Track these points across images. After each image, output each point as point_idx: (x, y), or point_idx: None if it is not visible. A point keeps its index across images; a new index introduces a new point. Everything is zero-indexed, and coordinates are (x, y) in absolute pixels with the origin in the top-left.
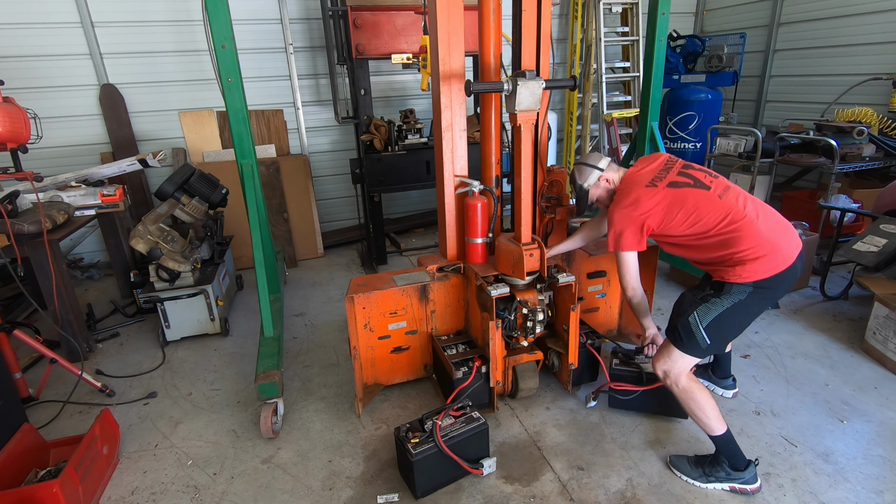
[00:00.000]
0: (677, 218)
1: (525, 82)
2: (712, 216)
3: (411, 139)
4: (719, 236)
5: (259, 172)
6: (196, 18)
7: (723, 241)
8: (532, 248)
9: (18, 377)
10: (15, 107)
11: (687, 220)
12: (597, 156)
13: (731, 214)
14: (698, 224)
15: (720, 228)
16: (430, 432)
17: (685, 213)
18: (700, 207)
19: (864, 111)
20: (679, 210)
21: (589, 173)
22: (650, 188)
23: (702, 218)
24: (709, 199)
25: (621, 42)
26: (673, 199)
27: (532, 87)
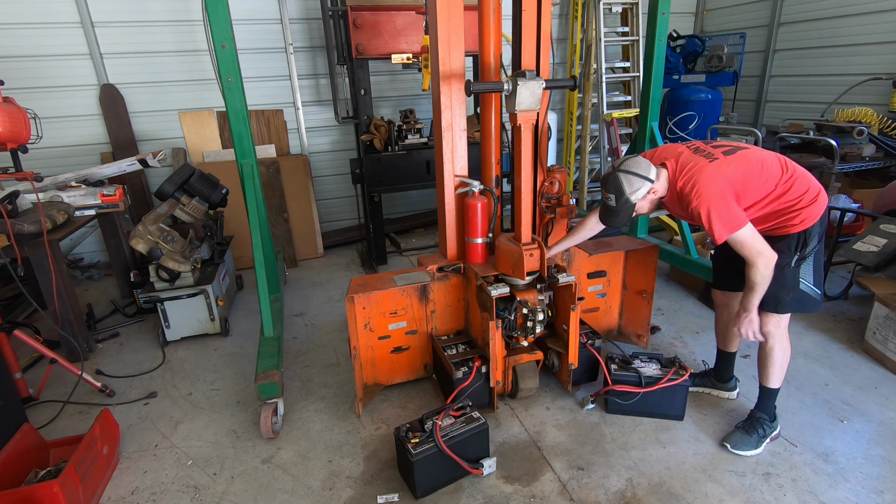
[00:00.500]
0: (752, 179)
1: (525, 82)
2: (773, 168)
3: (411, 139)
4: (785, 185)
5: (259, 172)
6: (196, 18)
7: (786, 189)
8: (532, 248)
9: (18, 377)
10: (15, 107)
11: (760, 178)
12: (644, 163)
13: (778, 162)
14: (769, 180)
15: (783, 178)
16: (430, 432)
17: (757, 172)
18: (761, 162)
19: (864, 111)
20: (751, 170)
21: (640, 186)
22: (714, 162)
23: (768, 172)
24: (755, 154)
25: (621, 42)
26: (737, 163)
27: (532, 87)
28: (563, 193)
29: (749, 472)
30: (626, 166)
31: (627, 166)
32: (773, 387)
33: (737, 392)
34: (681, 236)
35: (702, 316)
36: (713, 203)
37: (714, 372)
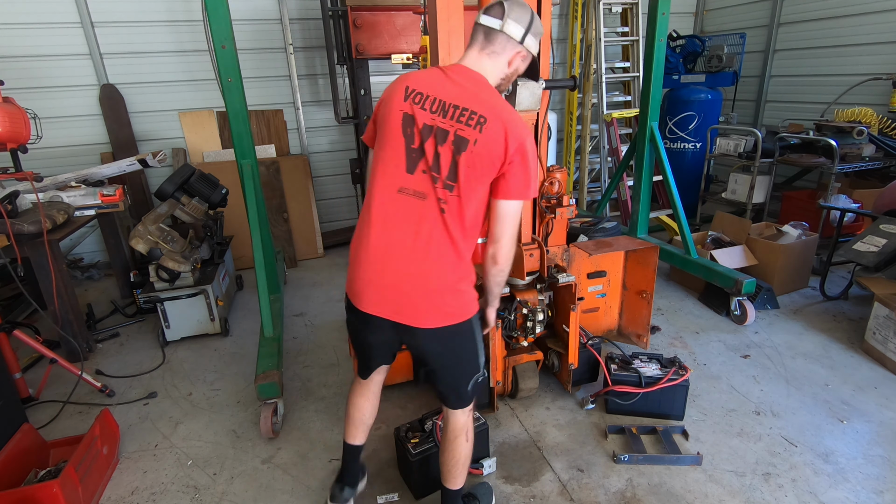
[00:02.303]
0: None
1: (525, 82)
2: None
3: None
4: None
5: (259, 172)
6: (196, 18)
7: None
8: (532, 248)
9: (18, 377)
10: (15, 107)
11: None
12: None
13: None
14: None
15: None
16: (429, 432)
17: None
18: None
19: (864, 111)
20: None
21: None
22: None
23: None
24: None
25: (621, 42)
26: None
27: (532, 87)
28: (563, 193)
29: (749, 472)
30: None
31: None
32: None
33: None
34: (681, 236)
35: (702, 316)
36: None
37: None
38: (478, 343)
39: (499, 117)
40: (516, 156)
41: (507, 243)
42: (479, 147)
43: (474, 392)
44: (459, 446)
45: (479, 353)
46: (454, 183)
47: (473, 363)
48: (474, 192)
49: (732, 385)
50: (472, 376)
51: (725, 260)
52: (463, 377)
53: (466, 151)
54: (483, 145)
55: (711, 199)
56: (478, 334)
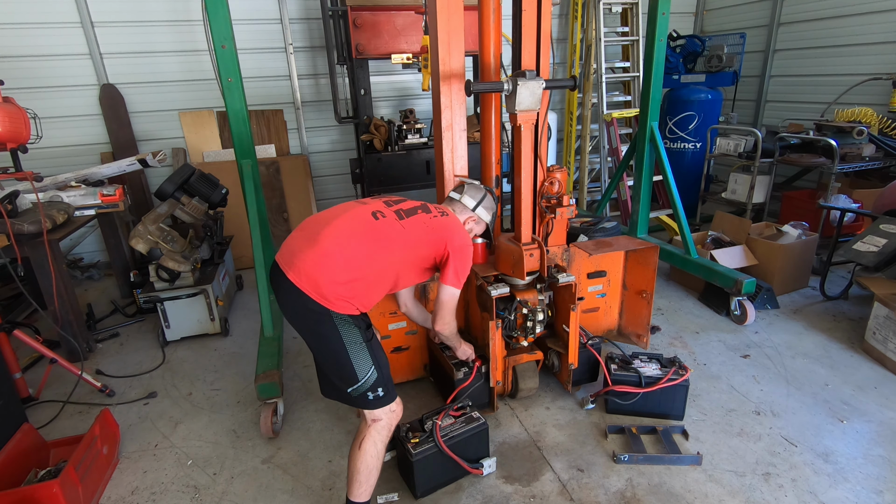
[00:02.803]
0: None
1: (525, 82)
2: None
3: (411, 139)
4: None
5: (259, 172)
6: (196, 18)
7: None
8: (532, 248)
9: (18, 377)
10: (15, 107)
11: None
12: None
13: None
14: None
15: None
16: (430, 432)
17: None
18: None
19: (864, 111)
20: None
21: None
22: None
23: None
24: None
25: (621, 42)
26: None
27: (532, 87)
28: (563, 193)
29: (749, 472)
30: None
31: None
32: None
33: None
34: (681, 236)
35: (702, 316)
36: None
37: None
38: (349, 350)
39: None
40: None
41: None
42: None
43: (364, 403)
44: (353, 453)
45: (355, 364)
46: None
47: (345, 368)
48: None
49: (732, 385)
50: (348, 382)
51: (725, 260)
52: (334, 374)
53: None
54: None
55: (711, 199)
56: (348, 342)
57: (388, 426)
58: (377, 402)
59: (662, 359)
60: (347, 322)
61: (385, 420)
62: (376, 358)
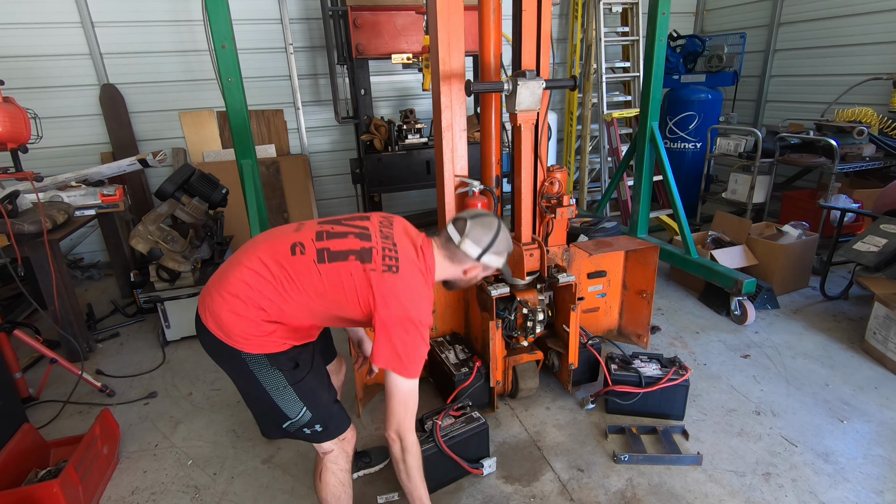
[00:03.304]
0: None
1: (525, 82)
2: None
3: (411, 139)
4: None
5: (259, 172)
6: (196, 18)
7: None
8: (532, 248)
9: (18, 377)
10: (15, 107)
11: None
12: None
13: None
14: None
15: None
16: (430, 432)
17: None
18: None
19: (864, 111)
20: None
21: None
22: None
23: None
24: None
25: (621, 42)
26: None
27: (532, 87)
28: (563, 193)
29: (749, 472)
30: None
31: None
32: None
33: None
34: (681, 236)
35: (702, 316)
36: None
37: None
38: (270, 394)
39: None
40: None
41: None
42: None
43: (305, 438)
44: (316, 485)
45: (277, 403)
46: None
47: (272, 409)
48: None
49: (732, 385)
50: (280, 420)
51: (725, 260)
52: (263, 415)
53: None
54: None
55: (711, 199)
56: (268, 386)
57: (342, 454)
58: (318, 437)
59: (662, 359)
60: (264, 364)
61: (336, 450)
62: (307, 398)
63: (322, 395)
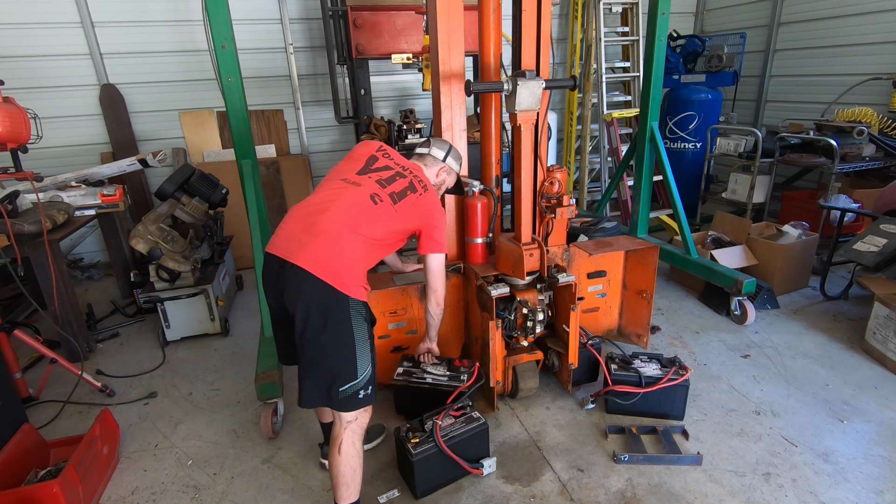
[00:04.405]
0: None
1: (525, 82)
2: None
3: (411, 139)
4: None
5: (259, 172)
6: (196, 18)
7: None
8: (532, 248)
9: (18, 377)
10: (15, 107)
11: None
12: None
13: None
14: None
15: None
16: (430, 432)
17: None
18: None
19: (864, 111)
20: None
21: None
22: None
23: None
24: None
25: (621, 42)
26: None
27: (532, 87)
28: (563, 193)
29: (749, 472)
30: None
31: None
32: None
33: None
34: (681, 236)
35: (702, 316)
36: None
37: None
38: (355, 339)
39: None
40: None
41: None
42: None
43: (349, 404)
44: (333, 458)
45: (357, 355)
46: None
47: (347, 363)
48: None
49: (732, 385)
50: (345, 379)
51: (725, 260)
52: (332, 371)
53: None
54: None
55: (711, 199)
56: (357, 330)
57: (361, 425)
58: (363, 401)
59: (662, 359)
60: (360, 313)
61: (360, 419)
62: (373, 355)
63: (375, 356)
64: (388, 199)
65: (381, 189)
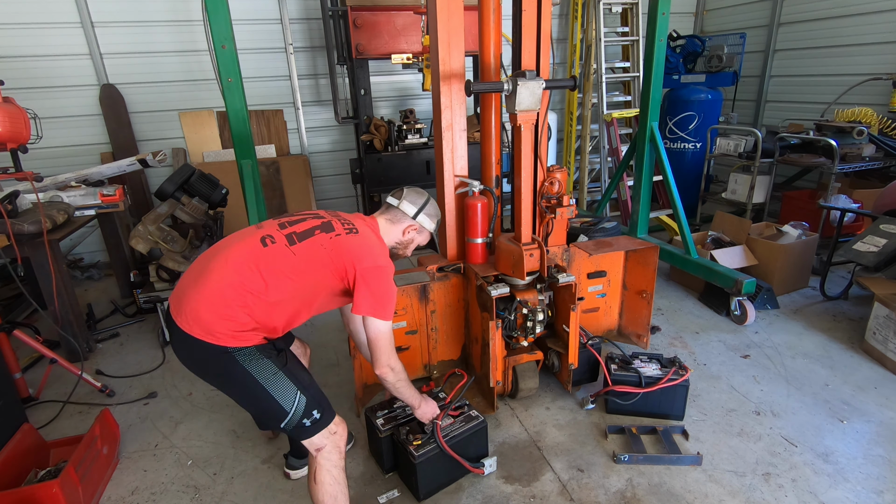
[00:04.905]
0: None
1: (525, 82)
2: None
3: (411, 139)
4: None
5: (259, 172)
6: (196, 18)
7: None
8: (532, 248)
9: (18, 377)
10: (15, 107)
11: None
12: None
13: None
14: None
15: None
16: (430, 433)
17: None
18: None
19: (864, 111)
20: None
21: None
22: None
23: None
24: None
25: (621, 42)
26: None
27: (532, 87)
28: (563, 193)
29: (749, 472)
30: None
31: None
32: None
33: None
34: (681, 236)
35: (702, 316)
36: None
37: (291, 450)
38: (260, 382)
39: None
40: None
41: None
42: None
43: (301, 433)
44: (310, 487)
45: (273, 395)
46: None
47: (264, 402)
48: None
49: (732, 385)
50: (278, 418)
51: (725, 260)
52: (261, 414)
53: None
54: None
55: (711, 199)
56: (258, 373)
57: (335, 449)
58: (313, 428)
59: (662, 359)
60: (253, 355)
61: (329, 445)
62: (298, 380)
63: (307, 376)
64: (281, 239)
65: (278, 230)
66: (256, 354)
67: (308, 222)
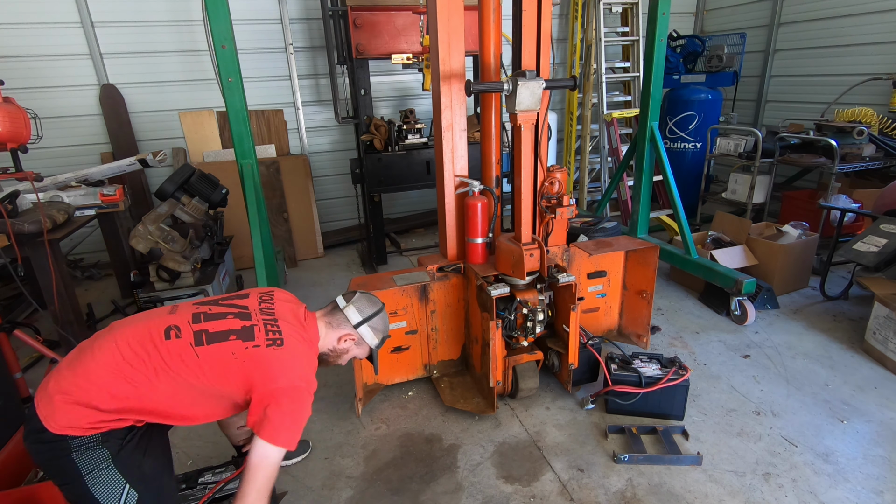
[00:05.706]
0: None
1: (525, 82)
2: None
3: (411, 139)
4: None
5: (259, 172)
6: (196, 18)
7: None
8: (532, 248)
9: (18, 377)
10: (15, 107)
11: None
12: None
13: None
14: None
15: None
16: None
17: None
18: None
19: (864, 111)
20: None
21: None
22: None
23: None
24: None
25: (621, 42)
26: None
27: (532, 87)
28: (563, 193)
29: (749, 472)
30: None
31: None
32: None
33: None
34: (681, 236)
35: (702, 316)
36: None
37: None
38: (87, 483)
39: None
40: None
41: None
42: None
43: None
44: None
45: (97, 496)
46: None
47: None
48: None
49: (732, 385)
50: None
51: (725, 260)
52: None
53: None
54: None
55: (711, 199)
56: (84, 466)
57: None
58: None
59: (662, 359)
60: (93, 445)
61: None
62: (130, 474)
63: (155, 467)
64: (189, 336)
65: (190, 324)
66: (98, 444)
67: (228, 322)
